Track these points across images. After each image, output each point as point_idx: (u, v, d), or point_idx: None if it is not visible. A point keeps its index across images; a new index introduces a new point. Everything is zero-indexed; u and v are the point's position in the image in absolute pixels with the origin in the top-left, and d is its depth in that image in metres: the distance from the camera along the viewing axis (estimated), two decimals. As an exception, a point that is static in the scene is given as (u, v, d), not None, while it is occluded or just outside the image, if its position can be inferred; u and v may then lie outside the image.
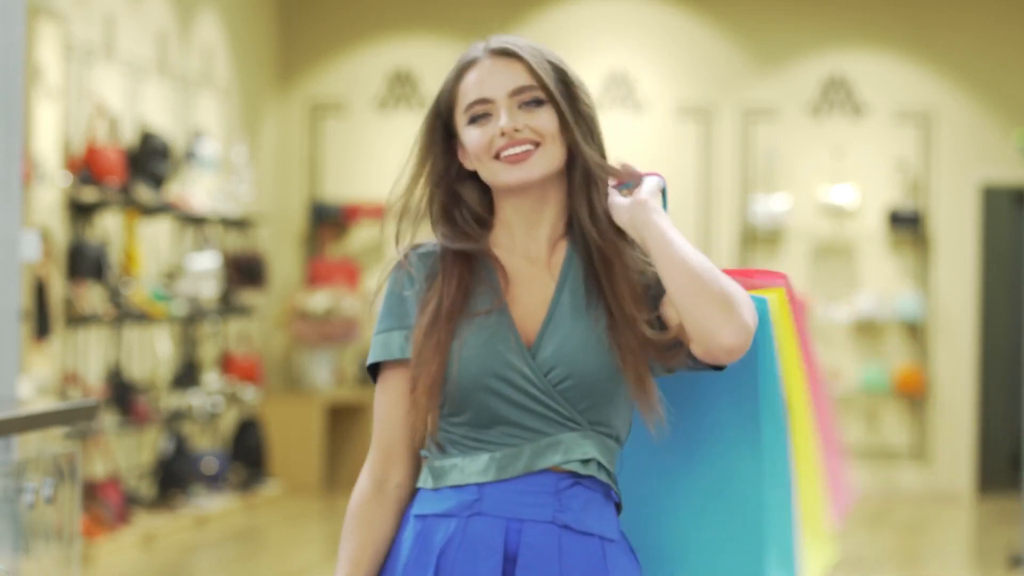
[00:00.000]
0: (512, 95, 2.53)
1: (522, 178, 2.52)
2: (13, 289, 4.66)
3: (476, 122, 2.54)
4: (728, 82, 12.74)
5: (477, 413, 2.52)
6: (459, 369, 2.51)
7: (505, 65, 2.54)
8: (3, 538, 4.05)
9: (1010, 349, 13.59)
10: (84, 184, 9.56)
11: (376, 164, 12.87)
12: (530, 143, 2.52)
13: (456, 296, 2.53)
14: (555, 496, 2.51)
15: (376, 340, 2.59)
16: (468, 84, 2.56)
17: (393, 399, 2.60)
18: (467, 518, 2.52)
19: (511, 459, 2.52)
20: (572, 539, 2.51)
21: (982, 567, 9.65)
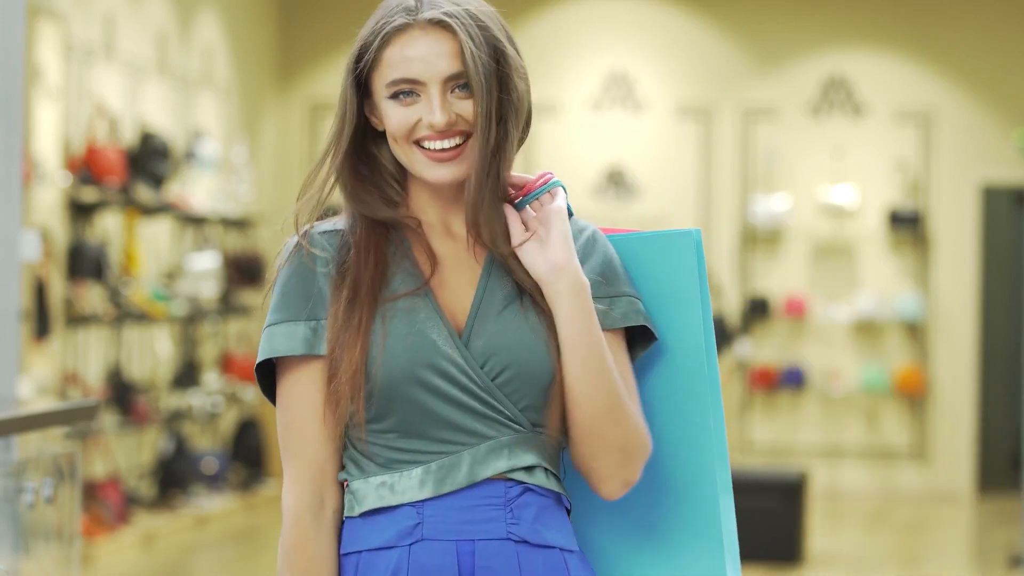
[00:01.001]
0: (447, 81, 2.20)
1: (446, 177, 2.21)
2: (13, 289, 4.66)
3: (398, 99, 2.22)
4: (728, 82, 12.74)
5: (406, 413, 2.18)
6: (384, 360, 2.17)
7: (438, 41, 2.21)
8: (3, 538, 4.05)
9: (1010, 349, 13.59)
10: (84, 184, 9.56)
11: (376, 164, 12.86)
12: (460, 135, 2.21)
13: (375, 273, 2.22)
14: (505, 508, 2.20)
15: (273, 332, 2.24)
16: (395, 55, 2.22)
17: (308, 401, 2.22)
18: (409, 547, 2.19)
19: (449, 469, 2.19)
20: (532, 554, 2.20)
21: (982, 567, 9.65)
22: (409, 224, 2.26)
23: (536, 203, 2.25)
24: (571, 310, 2.18)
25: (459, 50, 2.20)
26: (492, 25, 2.27)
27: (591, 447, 2.19)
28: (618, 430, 2.19)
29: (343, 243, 2.27)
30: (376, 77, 2.24)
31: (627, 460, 2.19)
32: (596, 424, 2.18)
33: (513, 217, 2.23)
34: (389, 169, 2.29)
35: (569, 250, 2.19)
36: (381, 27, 2.25)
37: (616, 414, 2.19)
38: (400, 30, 2.23)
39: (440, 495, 2.18)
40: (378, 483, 2.20)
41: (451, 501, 2.19)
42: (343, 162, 2.31)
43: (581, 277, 2.19)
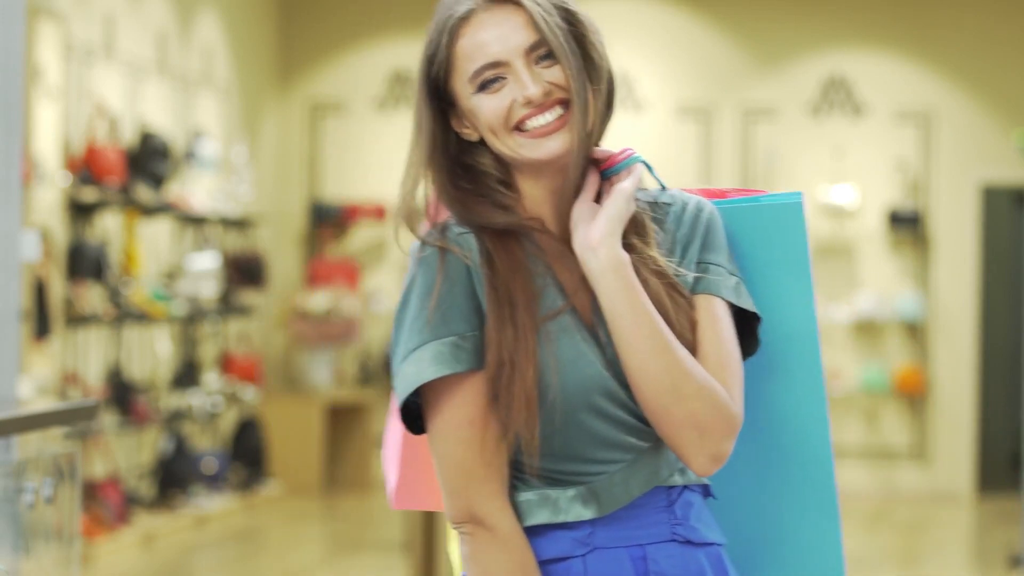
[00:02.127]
0: (527, 52, 2.12)
1: (557, 150, 2.12)
2: (13, 289, 4.66)
3: (486, 88, 2.13)
4: (728, 82, 12.74)
5: (572, 438, 2.13)
6: (560, 386, 2.11)
7: (506, 17, 2.13)
8: (3, 538, 4.05)
9: (1010, 349, 13.59)
10: (84, 184, 9.56)
11: (376, 164, 12.86)
12: (559, 105, 2.12)
13: (528, 287, 2.11)
14: (668, 511, 2.19)
15: (430, 351, 2.10)
16: (468, 45, 2.14)
17: (480, 415, 2.12)
18: (583, 557, 2.16)
19: (611, 488, 2.16)
20: (696, 553, 2.20)
21: (982, 567, 9.65)
22: (534, 227, 2.16)
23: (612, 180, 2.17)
24: (608, 288, 2.10)
25: (530, 19, 2.12)
26: None
27: (664, 426, 2.13)
28: (685, 406, 2.11)
29: (480, 245, 2.14)
30: (455, 78, 2.17)
31: (704, 436, 2.12)
32: (661, 402, 2.11)
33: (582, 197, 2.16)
34: (494, 175, 2.18)
35: (608, 230, 2.11)
36: (445, 22, 2.17)
37: (681, 390, 2.11)
38: (465, 19, 2.15)
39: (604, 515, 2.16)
40: (542, 498, 2.16)
41: (619, 510, 2.17)
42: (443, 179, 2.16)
43: (617, 254, 2.10)
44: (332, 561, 9.41)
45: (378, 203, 12.65)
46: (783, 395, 2.29)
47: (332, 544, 10.10)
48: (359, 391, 12.48)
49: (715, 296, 2.19)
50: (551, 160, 2.13)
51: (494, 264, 2.13)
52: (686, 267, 2.19)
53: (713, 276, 2.19)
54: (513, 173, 2.18)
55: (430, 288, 2.12)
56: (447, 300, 2.12)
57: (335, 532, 10.61)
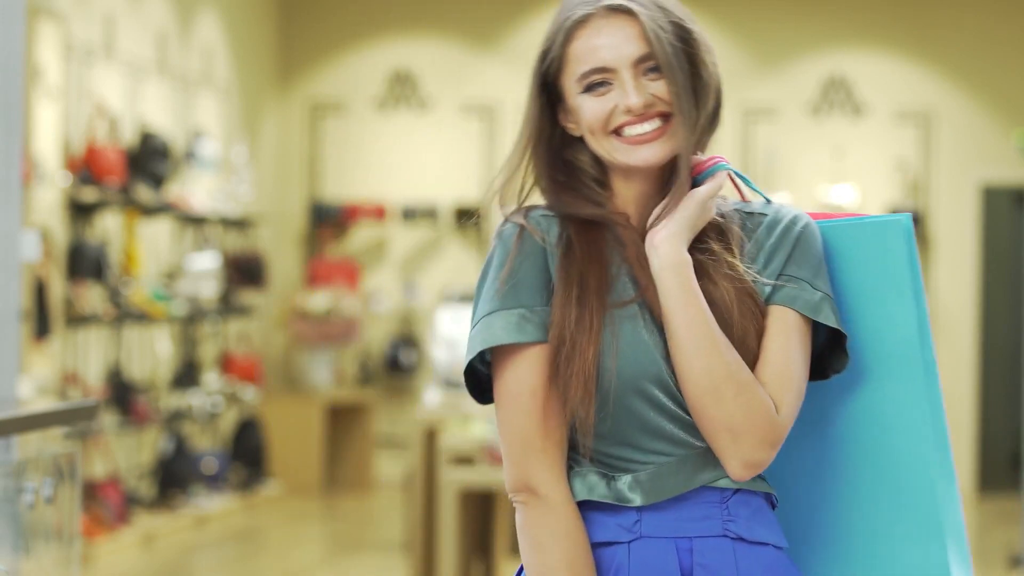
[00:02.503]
0: (637, 63, 2.20)
1: (650, 159, 2.21)
2: (13, 289, 4.66)
3: (592, 91, 2.21)
4: (728, 82, 12.66)
5: (623, 422, 2.20)
6: (617, 369, 2.18)
7: (621, 26, 2.20)
8: (3, 538, 4.05)
9: (1010, 349, 13.59)
10: (84, 184, 9.56)
11: (376, 164, 12.87)
12: (659, 117, 2.21)
13: (602, 275, 2.20)
14: (720, 506, 2.22)
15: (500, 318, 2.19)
16: (581, 48, 2.20)
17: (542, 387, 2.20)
18: (629, 544, 2.21)
19: (660, 480, 2.21)
20: (747, 551, 2.22)
21: (982, 567, 9.65)
22: (619, 221, 2.24)
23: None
24: (665, 285, 2.17)
25: (643, 32, 2.20)
26: (671, 5, 2.24)
27: (703, 426, 2.19)
28: (723, 408, 2.17)
29: (561, 229, 2.23)
30: (565, 76, 2.23)
31: (738, 440, 2.17)
32: (701, 402, 2.17)
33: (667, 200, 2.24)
34: (589, 172, 2.26)
35: (673, 231, 2.18)
36: (563, 23, 2.23)
37: (720, 392, 2.16)
38: (582, 22, 2.21)
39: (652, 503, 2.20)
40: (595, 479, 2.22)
41: (667, 502, 2.21)
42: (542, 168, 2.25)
43: (677, 254, 2.18)
44: (332, 561, 9.41)
45: (378, 203, 12.65)
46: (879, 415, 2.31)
47: (332, 544, 10.10)
48: (359, 391, 12.48)
49: (789, 308, 2.23)
50: (643, 167, 2.22)
51: (572, 247, 2.21)
52: (767, 276, 2.23)
53: (792, 289, 2.23)
54: (608, 172, 2.26)
55: (504, 262, 2.21)
56: (519, 274, 2.20)
57: (335, 532, 10.61)
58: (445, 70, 12.80)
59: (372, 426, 12.29)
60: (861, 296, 2.28)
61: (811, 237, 2.25)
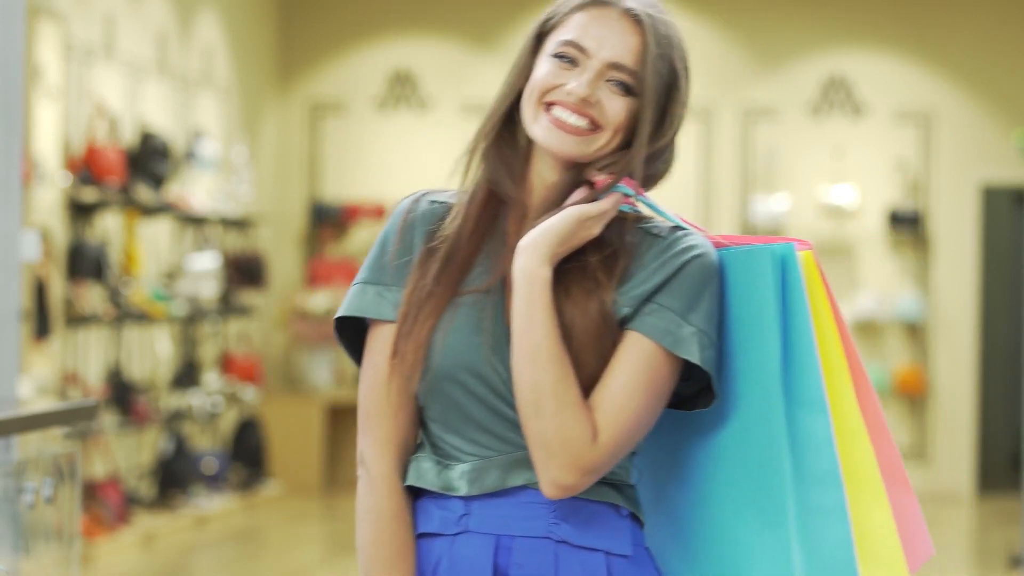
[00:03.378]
0: (609, 66, 2.17)
1: (554, 147, 2.17)
2: (13, 289, 4.66)
3: (558, 59, 2.19)
4: (728, 82, 12.74)
5: (445, 409, 2.20)
6: (441, 350, 2.18)
7: (626, 29, 2.18)
8: (3, 538, 4.05)
9: (1010, 349, 13.59)
10: (84, 184, 9.56)
11: (376, 164, 12.87)
12: (589, 122, 2.17)
13: (468, 254, 2.21)
14: (548, 508, 2.19)
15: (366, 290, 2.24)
16: (580, 21, 2.19)
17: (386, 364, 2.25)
18: (454, 537, 2.21)
19: (481, 473, 2.20)
20: (570, 555, 2.19)
21: (982, 567, 9.65)
22: (518, 209, 2.23)
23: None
24: (516, 293, 2.15)
25: (639, 49, 2.19)
26: (678, 52, 2.24)
27: (525, 436, 2.15)
28: (539, 424, 2.12)
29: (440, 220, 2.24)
30: (554, 34, 2.21)
31: (548, 460, 2.12)
32: (522, 414, 2.13)
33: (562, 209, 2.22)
34: (519, 150, 2.25)
35: (537, 240, 2.14)
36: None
37: (540, 408, 2.12)
38: (598, 4, 2.20)
39: (479, 495, 2.19)
40: (428, 466, 2.23)
41: (497, 497, 2.19)
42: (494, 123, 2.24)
43: (531, 264, 2.14)
44: (332, 561, 9.41)
45: (378, 203, 12.65)
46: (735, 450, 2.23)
47: (332, 544, 10.10)
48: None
49: (645, 336, 2.15)
50: (549, 150, 2.19)
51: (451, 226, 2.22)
52: (633, 298, 2.16)
53: (655, 318, 2.15)
54: (529, 161, 2.25)
55: (387, 235, 2.26)
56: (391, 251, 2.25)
57: (335, 532, 10.61)
58: (445, 70, 12.80)
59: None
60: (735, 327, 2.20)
61: (698, 269, 2.17)
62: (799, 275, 2.18)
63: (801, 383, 2.18)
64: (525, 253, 2.14)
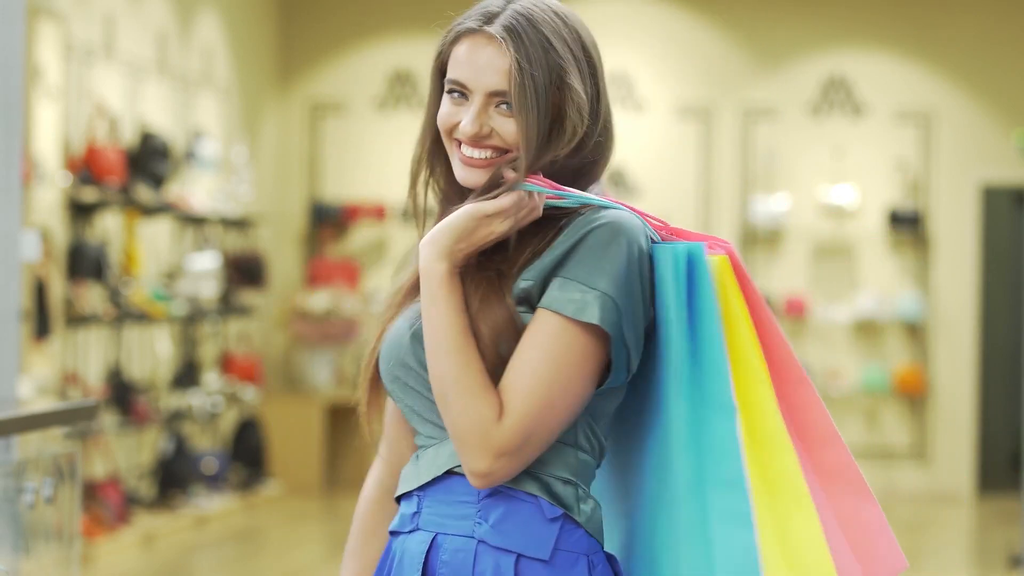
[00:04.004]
0: (490, 96, 2.23)
1: (472, 183, 2.24)
2: (13, 289, 4.66)
3: (451, 95, 2.26)
4: (728, 82, 12.74)
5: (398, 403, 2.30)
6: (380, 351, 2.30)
7: (493, 55, 2.22)
8: (3, 538, 4.05)
9: (1010, 349, 13.59)
10: (84, 184, 9.56)
11: (376, 164, 12.87)
12: (493, 149, 2.23)
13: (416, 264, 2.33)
14: (475, 505, 2.20)
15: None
16: (458, 56, 2.25)
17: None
18: (408, 534, 2.26)
19: (428, 460, 2.25)
20: (487, 554, 2.18)
21: (982, 567, 9.65)
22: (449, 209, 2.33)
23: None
24: (421, 289, 2.21)
25: (508, 70, 2.21)
26: (561, 49, 2.26)
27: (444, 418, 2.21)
28: (450, 416, 2.16)
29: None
30: (447, 68, 2.29)
31: (462, 449, 2.15)
32: (438, 405, 2.19)
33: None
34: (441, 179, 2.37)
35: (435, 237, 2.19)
36: (456, 25, 2.29)
37: (447, 400, 2.15)
38: (465, 34, 2.27)
39: (426, 485, 2.23)
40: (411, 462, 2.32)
41: (439, 495, 2.22)
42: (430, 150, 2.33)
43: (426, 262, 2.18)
44: (332, 561, 9.41)
45: (378, 203, 12.65)
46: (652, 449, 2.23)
47: (332, 544, 10.10)
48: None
49: (547, 311, 2.16)
50: (468, 186, 2.25)
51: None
52: (535, 275, 2.18)
53: (556, 290, 2.16)
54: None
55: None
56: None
57: (335, 532, 10.61)
58: (445, 70, 12.80)
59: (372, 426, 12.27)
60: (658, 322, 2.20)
61: (600, 236, 2.17)
62: (707, 276, 2.16)
63: (709, 385, 2.15)
64: (424, 249, 2.20)
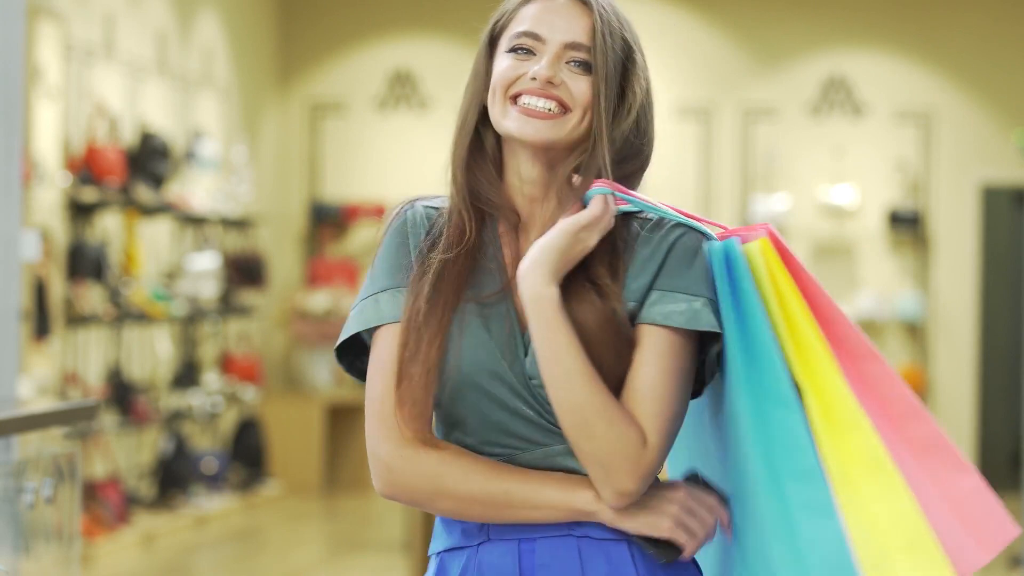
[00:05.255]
0: (566, 47, 2.20)
1: (528, 135, 2.19)
2: (13, 289, 4.66)
3: (515, 52, 2.22)
4: (728, 82, 12.74)
5: (468, 415, 2.21)
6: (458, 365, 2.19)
7: (573, 13, 2.22)
8: (3, 538, 4.05)
9: (1010, 349, 13.59)
10: (84, 184, 9.56)
11: (376, 164, 12.87)
12: (558, 104, 2.19)
13: (462, 268, 2.21)
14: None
15: (375, 300, 2.24)
16: (528, 11, 2.23)
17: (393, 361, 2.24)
18: (477, 547, 2.22)
19: None
20: (593, 547, 2.19)
21: (982, 567, 9.65)
22: (507, 217, 2.24)
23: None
24: (530, 318, 2.15)
25: (591, 28, 2.21)
26: (628, 28, 2.28)
27: (579, 456, 2.16)
28: (593, 444, 2.13)
29: (436, 223, 2.25)
30: (505, 32, 2.25)
31: (609, 475, 2.14)
32: (572, 434, 2.14)
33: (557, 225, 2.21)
34: (490, 156, 2.26)
35: (536, 260, 2.14)
36: None
37: (590, 428, 2.13)
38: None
39: None
40: None
41: None
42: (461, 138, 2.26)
43: (536, 287, 2.14)
44: (332, 561, 9.41)
45: (378, 203, 12.65)
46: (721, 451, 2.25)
47: (332, 544, 10.10)
48: (359, 391, 12.47)
49: (660, 327, 2.18)
50: (523, 140, 2.19)
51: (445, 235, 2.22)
52: (636, 291, 2.19)
53: (659, 304, 2.18)
54: (504, 163, 2.26)
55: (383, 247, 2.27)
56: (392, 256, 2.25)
57: (335, 532, 10.61)
58: (445, 70, 12.80)
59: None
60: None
61: (690, 243, 2.20)
62: (744, 269, 2.18)
63: (764, 379, 2.16)
64: (529, 276, 2.14)
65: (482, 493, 2.17)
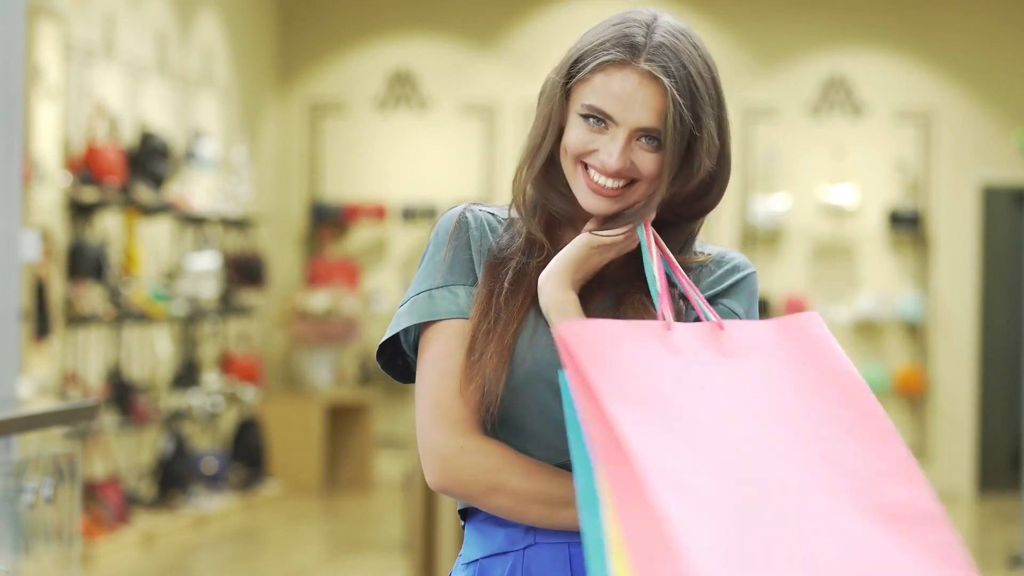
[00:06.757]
0: (636, 131, 2.19)
1: (597, 210, 2.21)
2: (13, 289, 4.66)
3: (588, 120, 2.21)
4: (728, 82, 12.69)
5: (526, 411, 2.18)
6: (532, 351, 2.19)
7: (647, 93, 2.19)
8: (3, 538, 4.05)
9: (1010, 349, 13.59)
10: (84, 184, 9.56)
11: (376, 164, 12.87)
12: (627, 179, 2.20)
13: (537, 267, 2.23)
14: None
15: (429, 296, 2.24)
16: (602, 83, 2.21)
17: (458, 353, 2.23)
18: (523, 551, 2.19)
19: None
20: None
21: (982, 567, 9.65)
22: (577, 228, 2.28)
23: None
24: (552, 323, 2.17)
25: (663, 110, 2.18)
26: (704, 90, 2.24)
27: None
28: None
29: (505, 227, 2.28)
30: (578, 90, 2.23)
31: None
32: None
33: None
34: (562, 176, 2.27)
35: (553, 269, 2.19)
36: (600, 51, 2.26)
37: None
38: (616, 63, 2.22)
39: None
40: None
41: None
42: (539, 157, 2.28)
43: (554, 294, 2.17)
44: (332, 561, 9.41)
45: (378, 203, 12.65)
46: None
47: (332, 544, 10.10)
48: (359, 391, 12.47)
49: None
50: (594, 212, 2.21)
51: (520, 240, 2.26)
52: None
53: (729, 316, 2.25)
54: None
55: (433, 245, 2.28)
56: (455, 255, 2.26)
57: (335, 532, 10.61)
58: (445, 70, 12.80)
59: (372, 426, 12.29)
60: None
61: (751, 282, 2.29)
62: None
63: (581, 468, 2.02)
64: (547, 285, 2.18)
65: (543, 493, 2.14)
